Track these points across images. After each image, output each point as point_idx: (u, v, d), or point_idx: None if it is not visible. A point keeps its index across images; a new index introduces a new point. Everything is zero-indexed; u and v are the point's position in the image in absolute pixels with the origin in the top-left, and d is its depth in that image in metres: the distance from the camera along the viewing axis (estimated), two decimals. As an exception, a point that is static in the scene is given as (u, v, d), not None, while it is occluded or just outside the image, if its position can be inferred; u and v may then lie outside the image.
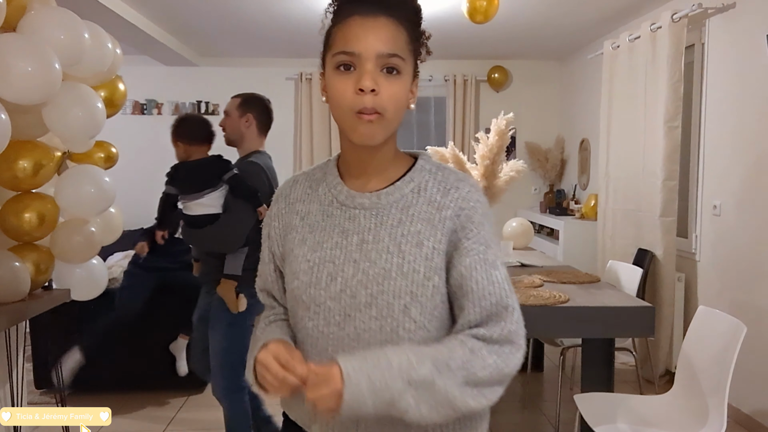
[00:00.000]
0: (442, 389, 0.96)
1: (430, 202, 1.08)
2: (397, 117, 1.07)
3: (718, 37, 3.71)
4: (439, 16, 4.65)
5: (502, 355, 1.03)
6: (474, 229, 1.06)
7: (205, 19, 4.80)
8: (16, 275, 2.38)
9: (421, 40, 1.11)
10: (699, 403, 2.31)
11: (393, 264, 1.04)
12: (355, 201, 1.09)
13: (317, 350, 1.07)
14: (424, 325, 1.04)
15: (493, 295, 1.04)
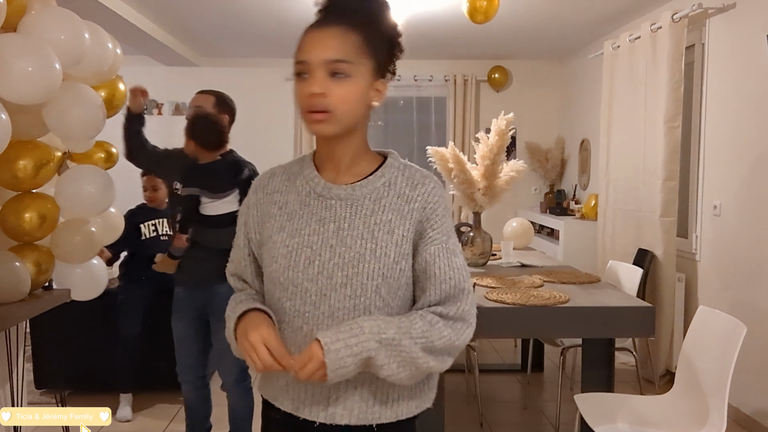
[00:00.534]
0: (407, 349, 1.12)
1: (399, 195, 1.20)
2: (351, 115, 1.15)
3: (718, 37, 3.71)
4: (439, 16, 4.65)
5: (456, 330, 1.18)
6: (438, 221, 1.21)
7: (205, 19, 4.80)
8: (16, 275, 2.38)
9: (386, 39, 1.18)
10: (699, 403, 2.31)
11: (367, 249, 1.15)
12: (331, 192, 1.20)
13: (292, 328, 1.19)
14: (389, 303, 1.17)
15: (452, 279, 1.19)
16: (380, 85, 1.19)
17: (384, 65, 1.18)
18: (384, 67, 1.19)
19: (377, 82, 1.18)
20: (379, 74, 1.18)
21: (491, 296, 2.76)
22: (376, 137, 6.59)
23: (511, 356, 4.58)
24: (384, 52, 1.18)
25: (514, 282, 3.10)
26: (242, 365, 2.70)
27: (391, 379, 1.13)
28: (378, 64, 1.17)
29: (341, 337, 1.09)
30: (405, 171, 1.23)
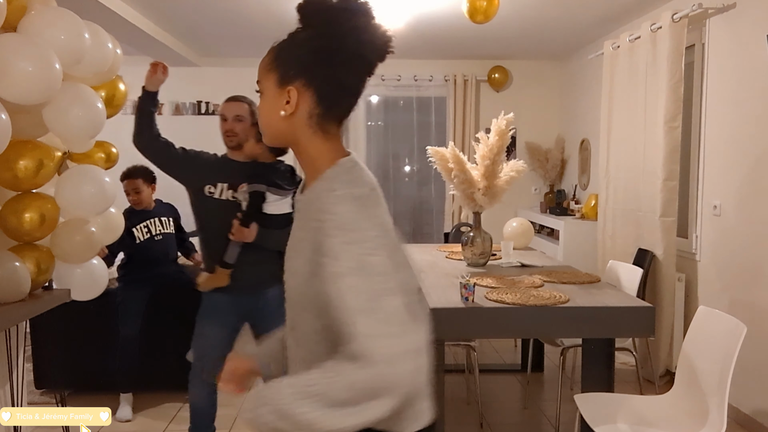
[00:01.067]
0: (298, 416, 1.00)
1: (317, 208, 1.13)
2: (265, 127, 1.22)
3: (719, 37, 3.71)
4: (439, 16, 4.65)
5: (338, 373, 1.01)
6: (327, 240, 1.08)
7: (205, 20, 4.80)
8: (16, 275, 2.38)
9: (289, 49, 1.18)
10: (699, 403, 2.31)
11: (292, 263, 1.18)
12: (297, 200, 1.27)
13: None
14: (317, 320, 1.11)
15: (338, 310, 1.04)
16: (285, 93, 1.17)
17: (289, 73, 1.17)
18: (288, 75, 1.17)
19: (284, 92, 1.17)
20: (283, 84, 1.17)
21: (491, 296, 2.76)
22: (377, 137, 6.59)
23: (511, 356, 4.58)
24: (288, 59, 1.17)
25: (514, 282, 3.10)
26: None
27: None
28: (281, 75, 1.17)
29: (256, 402, 1.05)
30: (331, 179, 1.17)
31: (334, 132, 1.23)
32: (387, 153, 6.62)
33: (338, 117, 1.23)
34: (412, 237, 6.60)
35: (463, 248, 3.63)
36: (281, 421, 1.02)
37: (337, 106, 1.21)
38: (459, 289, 2.72)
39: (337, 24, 1.16)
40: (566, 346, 3.33)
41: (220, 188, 2.64)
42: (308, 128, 1.19)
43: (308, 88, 1.17)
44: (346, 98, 1.21)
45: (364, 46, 1.18)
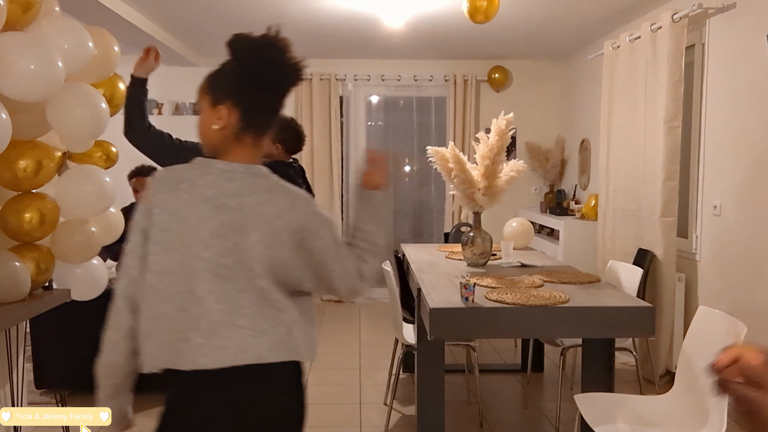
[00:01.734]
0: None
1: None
2: (201, 136, 1.54)
3: (719, 37, 3.71)
4: (439, 16, 4.65)
5: None
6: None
7: (205, 19, 4.79)
8: (16, 275, 2.38)
9: (220, 77, 1.52)
10: (699, 403, 2.31)
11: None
12: None
13: None
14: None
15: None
16: (217, 111, 1.49)
17: (218, 97, 1.49)
18: (219, 97, 1.48)
19: (216, 110, 1.48)
20: (217, 103, 1.49)
21: (491, 296, 2.76)
22: (377, 137, 6.58)
23: (511, 356, 4.58)
24: (220, 85, 1.50)
25: (514, 282, 3.10)
26: None
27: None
28: (213, 97, 1.49)
29: None
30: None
31: (248, 143, 1.52)
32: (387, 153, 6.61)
33: (256, 131, 1.52)
34: (412, 237, 6.60)
35: (463, 248, 3.63)
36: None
37: (256, 123, 1.52)
38: (459, 289, 2.72)
39: (257, 56, 1.49)
40: (566, 346, 3.33)
41: None
42: (232, 139, 1.50)
43: (234, 108, 1.48)
44: (264, 116, 1.54)
45: (279, 74, 1.51)
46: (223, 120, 1.48)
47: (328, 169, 6.27)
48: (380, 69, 6.33)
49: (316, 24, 4.84)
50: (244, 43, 1.51)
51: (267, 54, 1.50)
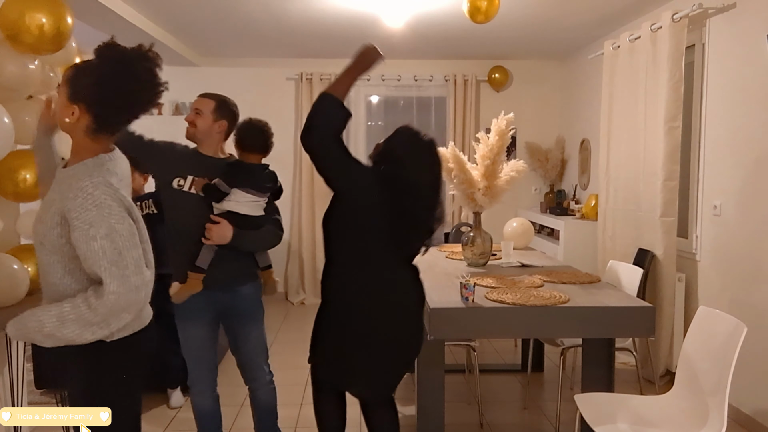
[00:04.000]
0: (62, 336, 1.62)
1: (68, 184, 1.64)
2: (57, 121, 1.75)
3: (719, 37, 3.71)
4: (439, 16, 4.65)
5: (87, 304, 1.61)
6: (80, 211, 1.59)
7: (205, 19, 4.79)
8: (15, 277, 2.38)
9: (82, 77, 1.66)
10: (699, 403, 2.31)
11: (40, 214, 1.71)
12: (58, 171, 1.75)
13: None
14: (54, 252, 1.66)
15: (88, 260, 1.61)
16: (73, 107, 1.65)
17: (76, 96, 1.64)
18: (77, 96, 1.64)
19: (71, 106, 1.65)
20: (73, 101, 1.65)
21: (491, 296, 2.76)
22: (377, 137, 6.58)
23: (511, 356, 4.58)
24: (79, 86, 1.65)
25: (514, 282, 3.09)
26: (263, 366, 2.75)
27: (45, 344, 1.64)
28: (72, 93, 1.65)
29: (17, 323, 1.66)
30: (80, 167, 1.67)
31: (103, 138, 1.70)
32: (387, 153, 6.61)
33: (108, 133, 1.70)
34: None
35: (463, 248, 3.63)
36: (47, 339, 1.62)
37: (109, 126, 1.69)
38: (459, 289, 2.72)
39: (126, 68, 1.63)
40: (566, 346, 3.33)
41: (189, 181, 2.54)
42: (83, 133, 1.68)
43: (88, 111, 1.65)
44: (116, 125, 1.71)
45: (132, 101, 1.67)
46: (74, 118, 1.66)
47: (328, 169, 6.26)
48: (380, 69, 6.28)
49: (316, 24, 4.84)
50: (113, 52, 1.65)
51: (134, 67, 1.65)
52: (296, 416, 3.50)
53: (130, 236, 1.65)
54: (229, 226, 2.50)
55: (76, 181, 1.63)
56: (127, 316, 1.67)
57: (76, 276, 1.66)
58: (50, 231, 1.65)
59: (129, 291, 1.62)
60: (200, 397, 2.71)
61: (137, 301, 1.65)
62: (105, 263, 1.59)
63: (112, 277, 1.59)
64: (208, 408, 2.73)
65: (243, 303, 2.63)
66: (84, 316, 1.60)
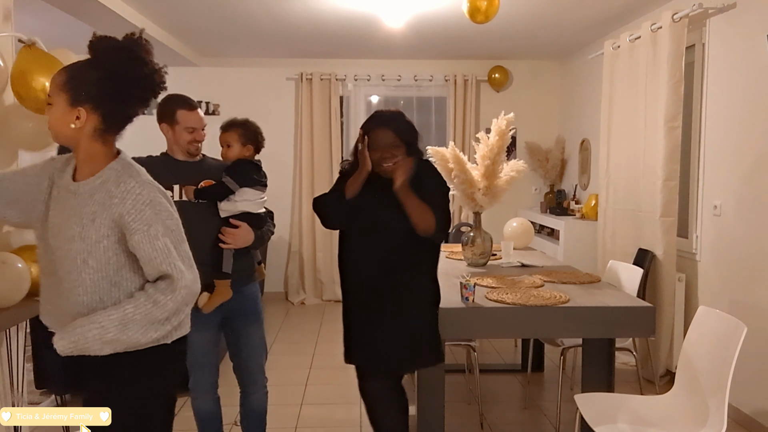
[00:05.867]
0: (126, 340, 1.57)
1: (107, 191, 1.60)
2: (55, 133, 1.64)
3: (719, 37, 3.71)
4: (439, 16, 4.65)
5: (155, 303, 1.59)
6: (136, 213, 1.57)
7: (205, 19, 4.80)
8: (17, 276, 2.38)
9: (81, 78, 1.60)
10: (699, 403, 2.31)
11: (77, 231, 1.59)
12: (68, 187, 1.65)
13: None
14: (101, 269, 1.60)
15: (155, 260, 1.59)
16: (75, 112, 1.58)
17: (78, 98, 1.58)
18: (80, 98, 1.58)
19: (74, 110, 1.58)
20: (76, 104, 1.58)
21: (491, 296, 2.76)
22: (376, 137, 6.59)
23: (511, 356, 4.58)
24: (81, 88, 1.58)
25: (514, 282, 3.09)
26: (263, 368, 2.74)
27: (103, 353, 1.58)
28: (73, 97, 1.58)
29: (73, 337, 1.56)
30: (120, 172, 1.62)
31: (111, 140, 1.66)
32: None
33: (116, 131, 1.66)
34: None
35: (463, 248, 3.63)
36: (107, 346, 1.57)
37: (117, 126, 1.64)
38: (459, 289, 2.72)
39: (128, 57, 1.59)
40: (566, 346, 3.33)
41: (177, 191, 2.49)
42: (91, 138, 1.62)
43: (95, 111, 1.59)
44: (125, 120, 1.65)
45: (143, 87, 1.62)
46: (81, 121, 1.60)
47: (328, 169, 6.27)
48: (380, 69, 6.34)
49: (316, 24, 4.84)
50: (109, 45, 1.60)
51: (132, 63, 1.60)
52: (296, 416, 3.50)
53: (180, 230, 1.65)
54: (250, 229, 2.51)
55: (115, 186, 1.59)
56: (187, 310, 1.67)
57: (123, 286, 1.63)
58: (96, 246, 1.59)
59: (194, 283, 1.63)
60: (201, 399, 2.69)
61: (197, 293, 1.67)
62: (172, 260, 1.59)
63: (181, 271, 1.59)
64: (209, 410, 2.71)
65: (247, 303, 2.63)
66: (150, 314, 1.57)
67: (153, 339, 1.60)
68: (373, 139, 2.41)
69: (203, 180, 2.52)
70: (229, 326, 2.64)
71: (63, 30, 4.37)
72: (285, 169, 6.30)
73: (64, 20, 4.20)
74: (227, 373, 2.76)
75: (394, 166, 2.40)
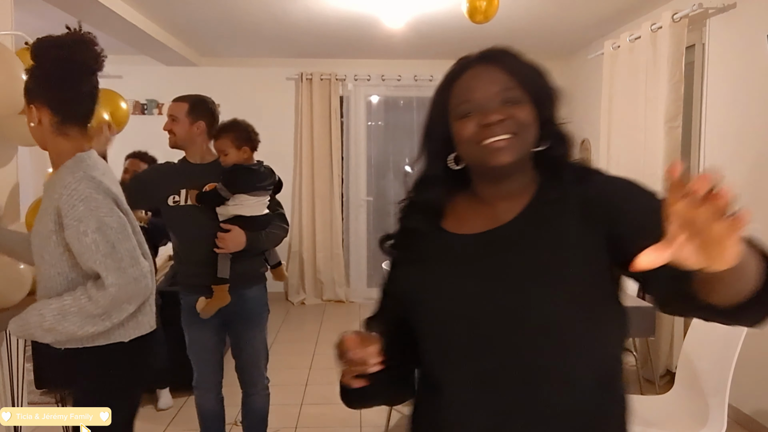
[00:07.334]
0: (63, 330, 1.63)
1: (53, 187, 1.70)
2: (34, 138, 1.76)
3: (719, 37, 3.71)
4: (439, 16, 4.65)
5: (89, 298, 1.62)
6: (68, 209, 1.61)
7: (205, 19, 4.80)
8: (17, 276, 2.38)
9: (29, 79, 1.73)
10: (699, 403, 2.31)
11: (37, 226, 1.75)
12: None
13: None
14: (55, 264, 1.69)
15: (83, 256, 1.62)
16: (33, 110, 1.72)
17: (30, 97, 1.72)
18: (30, 97, 1.72)
19: (30, 109, 1.70)
20: (29, 102, 1.72)
21: (491, 296, 2.75)
22: (377, 137, 6.59)
23: (511, 356, 4.57)
24: (29, 86, 1.74)
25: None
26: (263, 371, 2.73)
27: (45, 340, 1.67)
28: (27, 97, 1.73)
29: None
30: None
31: (74, 134, 1.70)
32: (387, 153, 6.62)
33: (73, 122, 1.69)
34: (412, 237, 6.59)
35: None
36: (48, 334, 1.64)
37: (71, 115, 1.69)
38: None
39: (64, 52, 1.65)
40: (566, 346, 3.33)
41: (184, 195, 2.52)
42: (53, 134, 1.69)
43: (45, 105, 1.67)
44: (74, 108, 1.69)
45: (77, 68, 1.67)
46: (35, 118, 1.68)
47: (328, 169, 6.27)
48: (380, 69, 6.33)
49: (316, 24, 4.84)
50: (44, 44, 1.68)
51: (62, 51, 1.66)
52: (296, 416, 3.50)
53: (121, 228, 1.65)
54: (241, 232, 2.49)
55: (60, 181, 1.64)
56: (128, 308, 1.67)
57: (81, 283, 1.67)
58: (47, 240, 1.64)
59: (128, 283, 1.62)
60: (205, 398, 2.70)
61: (138, 292, 1.66)
62: (100, 257, 1.60)
63: (108, 269, 1.60)
64: (212, 410, 2.72)
65: (249, 306, 2.63)
66: (85, 308, 1.60)
67: (90, 333, 1.64)
68: (463, 90, 1.22)
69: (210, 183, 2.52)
70: (231, 328, 2.66)
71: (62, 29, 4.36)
72: (285, 169, 6.27)
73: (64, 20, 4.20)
74: (231, 373, 2.77)
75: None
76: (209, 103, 2.68)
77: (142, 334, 1.76)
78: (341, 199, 6.43)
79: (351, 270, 6.53)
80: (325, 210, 6.30)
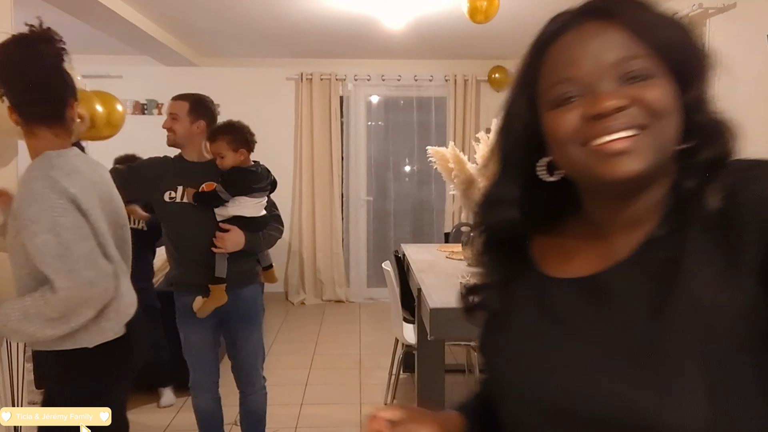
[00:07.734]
0: (24, 332, 1.60)
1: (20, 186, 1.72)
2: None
3: (719, 37, 3.71)
4: (439, 16, 4.65)
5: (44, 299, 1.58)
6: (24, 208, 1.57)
7: (205, 19, 4.80)
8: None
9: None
10: (699, 403, 2.30)
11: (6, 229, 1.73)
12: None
13: None
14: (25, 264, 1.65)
15: (35, 258, 1.57)
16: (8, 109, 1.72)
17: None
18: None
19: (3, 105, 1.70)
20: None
21: (491, 296, 2.75)
22: (377, 137, 6.59)
23: (511, 356, 4.57)
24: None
25: (514, 282, 3.09)
26: (260, 371, 2.73)
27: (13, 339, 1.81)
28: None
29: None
30: None
31: (43, 133, 1.65)
32: (387, 153, 6.62)
33: (41, 122, 1.65)
34: (413, 237, 6.60)
35: (463, 248, 3.63)
36: (14, 335, 1.70)
37: (34, 114, 1.65)
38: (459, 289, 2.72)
39: (17, 58, 1.62)
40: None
41: (180, 191, 2.50)
42: (27, 133, 1.67)
43: (11, 103, 1.64)
44: (38, 108, 1.65)
45: (38, 68, 1.62)
46: (11, 116, 1.66)
47: (328, 169, 6.27)
48: (380, 69, 6.33)
49: (316, 24, 4.84)
50: (12, 42, 1.66)
51: (17, 55, 1.64)
52: (296, 416, 3.50)
53: (77, 229, 1.58)
54: (240, 232, 2.49)
55: (20, 180, 1.64)
56: (87, 312, 1.62)
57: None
58: (15, 241, 1.61)
59: (81, 286, 1.56)
60: (202, 399, 2.70)
61: (94, 296, 1.61)
62: (49, 259, 1.54)
63: (57, 272, 1.54)
64: (208, 409, 2.73)
65: (245, 305, 2.63)
66: (42, 311, 1.57)
67: (50, 336, 1.61)
68: (560, 63, 0.73)
69: (207, 182, 2.52)
70: (226, 328, 2.65)
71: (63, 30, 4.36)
72: (285, 169, 6.29)
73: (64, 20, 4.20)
74: (228, 373, 2.77)
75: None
76: (209, 102, 2.68)
77: (107, 341, 1.72)
78: (341, 199, 6.43)
79: (351, 270, 6.53)
80: (325, 210, 6.30)
